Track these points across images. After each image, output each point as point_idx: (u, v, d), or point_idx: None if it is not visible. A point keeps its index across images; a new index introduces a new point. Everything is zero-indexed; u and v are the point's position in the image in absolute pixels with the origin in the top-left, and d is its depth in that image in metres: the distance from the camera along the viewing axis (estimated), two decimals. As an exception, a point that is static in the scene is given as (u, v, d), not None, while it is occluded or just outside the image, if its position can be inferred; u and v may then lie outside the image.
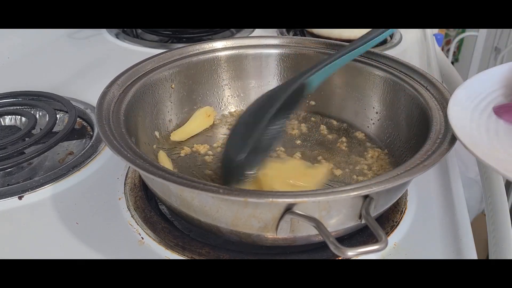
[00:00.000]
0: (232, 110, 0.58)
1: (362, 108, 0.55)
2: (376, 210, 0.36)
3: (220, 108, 0.57)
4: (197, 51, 0.55)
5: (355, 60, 0.53)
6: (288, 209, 0.33)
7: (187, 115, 0.55)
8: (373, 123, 0.54)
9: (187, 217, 0.38)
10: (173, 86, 0.53)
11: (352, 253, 0.30)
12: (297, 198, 0.32)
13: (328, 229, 0.32)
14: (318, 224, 0.32)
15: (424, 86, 0.47)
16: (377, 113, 0.53)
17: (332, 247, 0.30)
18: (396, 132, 0.50)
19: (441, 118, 0.42)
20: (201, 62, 0.55)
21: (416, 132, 0.46)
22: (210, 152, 0.51)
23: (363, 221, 0.35)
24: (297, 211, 0.33)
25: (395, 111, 0.51)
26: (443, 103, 0.44)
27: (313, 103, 0.58)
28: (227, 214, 0.35)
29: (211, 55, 0.55)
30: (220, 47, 0.56)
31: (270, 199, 0.31)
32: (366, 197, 0.34)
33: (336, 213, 0.35)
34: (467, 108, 0.40)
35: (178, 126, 0.54)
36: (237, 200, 0.32)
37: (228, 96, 0.58)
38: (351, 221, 0.36)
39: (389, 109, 0.52)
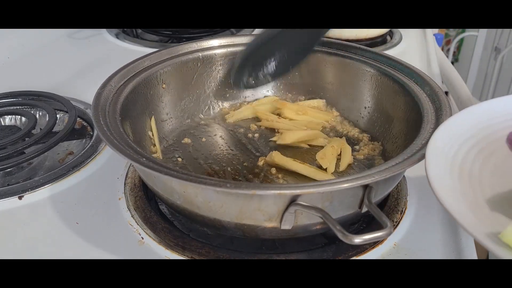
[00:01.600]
0: (225, 107, 0.58)
1: (353, 103, 0.55)
2: (375, 198, 0.37)
3: (213, 106, 0.57)
4: (188, 50, 0.55)
5: (345, 56, 0.55)
6: (293, 201, 0.33)
7: (179, 114, 0.55)
8: (363, 117, 0.54)
9: (190, 214, 0.38)
10: (164, 86, 0.53)
11: (359, 240, 0.31)
12: (303, 190, 0.32)
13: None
14: (324, 214, 0.32)
15: (413, 80, 0.48)
16: (368, 107, 0.54)
17: (339, 235, 0.31)
18: (386, 124, 0.51)
19: (431, 109, 0.43)
20: (192, 61, 0.55)
21: (408, 124, 0.47)
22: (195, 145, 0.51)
23: (363, 210, 0.36)
24: (302, 203, 0.33)
25: (385, 105, 0.52)
26: (432, 94, 0.45)
27: (302, 98, 0.58)
28: (231, 208, 0.35)
29: (203, 53, 0.56)
30: (214, 45, 0.56)
31: (278, 191, 0.32)
32: (366, 186, 0.35)
33: (339, 203, 0.35)
34: (446, 155, 0.35)
35: (172, 126, 0.54)
36: (244, 193, 0.33)
37: (221, 94, 0.58)
38: (352, 210, 0.36)
39: (380, 104, 0.52)
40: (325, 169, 0.46)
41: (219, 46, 0.56)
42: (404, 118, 0.48)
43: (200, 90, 0.56)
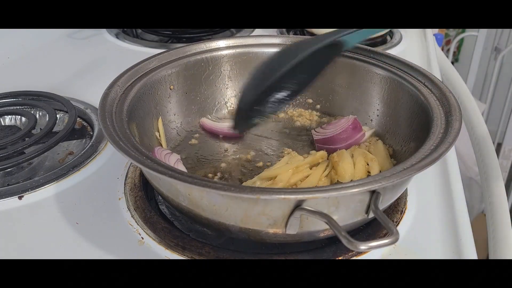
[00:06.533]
0: (232, 109, 0.58)
1: (361, 105, 0.55)
2: (382, 204, 0.37)
3: (221, 108, 0.57)
4: (195, 51, 0.55)
5: (354, 58, 0.54)
6: (298, 205, 0.33)
7: (187, 115, 0.55)
8: (372, 120, 0.54)
9: (195, 216, 0.38)
10: (172, 87, 0.52)
11: (365, 247, 0.30)
12: (308, 194, 0.32)
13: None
14: (329, 219, 0.32)
15: (422, 83, 0.48)
16: (377, 110, 0.53)
17: (344, 241, 0.30)
18: (395, 127, 0.51)
19: (441, 113, 0.42)
20: (199, 62, 0.55)
21: (416, 128, 0.46)
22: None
23: (369, 216, 0.36)
24: (307, 207, 0.33)
25: (394, 108, 0.51)
26: (443, 99, 0.44)
27: (310, 100, 0.58)
28: (236, 212, 0.35)
29: (210, 54, 0.56)
30: (221, 46, 0.56)
31: (282, 196, 0.31)
32: (373, 192, 0.34)
33: (345, 208, 0.35)
34: None
35: (179, 127, 0.54)
36: (248, 197, 0.33)
37: (229, 95, 0.58)
38: (358, 216, 0.36)
39: (389, 106, 0.52)
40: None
41: (226, 47, 0.56)
42: (413, 122, 0.47)
43: (208, 91, 0.56)
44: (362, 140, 0.51)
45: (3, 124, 0.58)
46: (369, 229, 0.42)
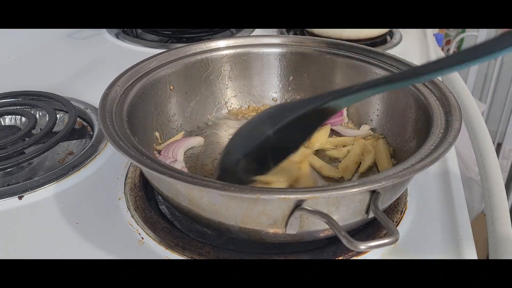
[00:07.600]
0: (233, 109, 0.58)
1: (361, 105, 0.55)
2: (382, 204, 0.37)
3: (221, 108, 0.57)
4: (195, 51, 0.55)
5: (354, 58, 0.54)
6: (298, 205, 0.33)
7: (187, 115, 0.55)
8: (372, 120, 0.54)
9: (195, 216, 0.37)
10: (172, 87, 0.52)
11: (365, 247, 0.30)
12: (308, 194, 0.32)
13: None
14: (329, 219, 0.32)
15: (422, 83, 0.47)
16: (377, 110, 0.53)
17: (344, 241, 0.30)
18: (395, 127, 0.51)
19: (441, 113, 0.42)
20: (199, 62, 0.55)
21: (416, 128, 0.46)
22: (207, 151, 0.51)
23: (369, 216, 0.36)
24: (307, 207, 0.33)
25: (394, 108, 0.51)
26: (443, 99, 0.44)
27: None
28: (236, 212, 0.35)
29: (210, 54, 0.55)
30: (221, 46, 0.56)
31: (282, 196, 0.31)
32: (373, 192, 0.34)
33: (345, 208, 0.35)
34: None
35: (180, 126, 0.54)
36: (248, 197, 0.33)
37: (229, 95, 0.58)
38: (358, 216, 0.36)
39: (388, 106, 0.52)
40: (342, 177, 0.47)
41: (226, 47, 0.56)
42: (414, 122, 0.47)
43: (208, 91, 0.56)
44: (358, 134, 0.53)
45: (3, 124, 0.58)
46: (369, 229, 0.42)
